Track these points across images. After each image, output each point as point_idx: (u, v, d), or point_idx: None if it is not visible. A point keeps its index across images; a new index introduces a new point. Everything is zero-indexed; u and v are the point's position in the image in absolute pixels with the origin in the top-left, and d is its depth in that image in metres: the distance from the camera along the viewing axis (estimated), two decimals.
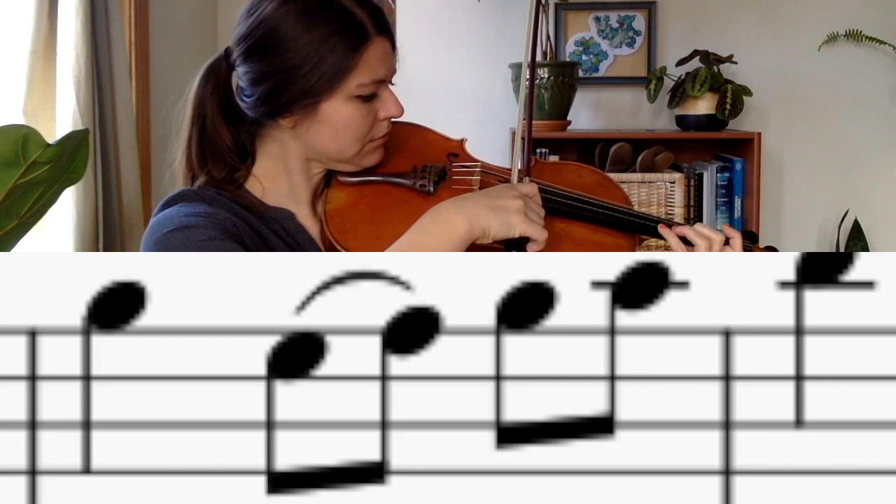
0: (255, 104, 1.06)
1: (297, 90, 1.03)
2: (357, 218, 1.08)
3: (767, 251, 1.20)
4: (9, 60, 1.75)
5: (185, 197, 1.06)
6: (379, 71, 1.05)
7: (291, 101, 1.04)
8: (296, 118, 1.05)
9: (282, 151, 1.10)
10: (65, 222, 1.80)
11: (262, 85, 1.04)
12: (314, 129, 1.06)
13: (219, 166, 1.09)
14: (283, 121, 1.06)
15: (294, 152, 1.10)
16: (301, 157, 1.10)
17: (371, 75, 1.04)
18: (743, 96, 2.58)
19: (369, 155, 1.11)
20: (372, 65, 1.04)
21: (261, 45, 1.04)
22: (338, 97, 1.04)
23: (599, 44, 2.82)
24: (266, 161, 1.12)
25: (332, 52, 1.02)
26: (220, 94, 1.09)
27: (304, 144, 1.08)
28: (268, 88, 1.04)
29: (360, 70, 1.03)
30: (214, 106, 1.09)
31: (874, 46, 2.75)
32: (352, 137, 1.06)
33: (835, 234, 2.81)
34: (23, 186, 1.30)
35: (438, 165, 1.14)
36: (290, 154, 1.10)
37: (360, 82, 1.04)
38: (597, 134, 2.70)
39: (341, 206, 1.09)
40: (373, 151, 1.11)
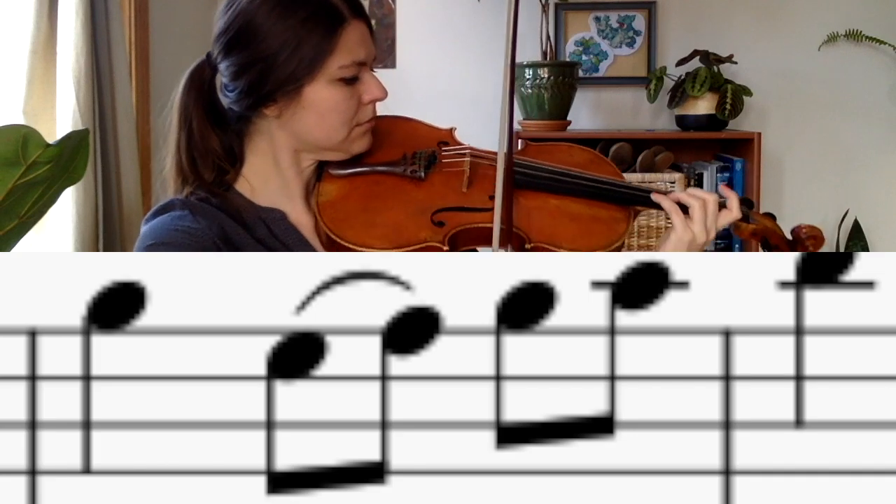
0: (239, 97, 1.07)
1: (278, 77, 1.04)
2: (350, 208, 1.09)
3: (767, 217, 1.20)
4: (9, 60, 1.75)
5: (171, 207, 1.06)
6: (358, 53, 1.06)
7: (274, 89, 1.05)
8: (280, 106, 1.06)
9: (271, 146, 1.11)
10: (65, 222, 1.80)
11: (244, 76, 1.05)
12: (299, 116, 1.07)
13: (208, 170, 1.09)
14: (267, 111, 1.07)
15: (283, 144, 1.10)
16: (290, 148, 1.11)
17: (351, 57, 1.05)
18: (743, 96, 2.58)
19: (357, 140, 1.11)
20: (350, 46, 1.05)
21: (239, 37, 1.05)
22: (320, 80, 1.05)
23: (599, 44, 2.82)
24: (256, 158, 1.12)
25: (310, 35, 1.03)
26: (204, 98, 1.10)
27: (292, 134, 1.09)
28: (250, 79, 1.05)
29: (339, 52, 1.04)
30: (199, 110, 1.09)
31: (874, 46, 2.75)
32: (338, 121, 1.07)
33: (835, 234, 2.81)
34: (23, 186, 1.30)
35: (428, 151, 1.15)
36: (279, 147, 1.10)
37: (341, 64, 1.05)
38: (597, 134, 2.70)
39: (334, 198, 1.10)
40: (360, 137, 1.11)
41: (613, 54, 2.82)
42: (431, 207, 1.09)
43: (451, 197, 1.11)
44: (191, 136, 1.09)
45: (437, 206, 1.09)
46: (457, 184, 1.13)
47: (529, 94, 2.58)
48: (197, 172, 1.08)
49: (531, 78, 2.57)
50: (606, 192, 1.15)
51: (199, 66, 1.11)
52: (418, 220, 1.07)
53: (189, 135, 1.09)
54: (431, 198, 1.10)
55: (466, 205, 1.10)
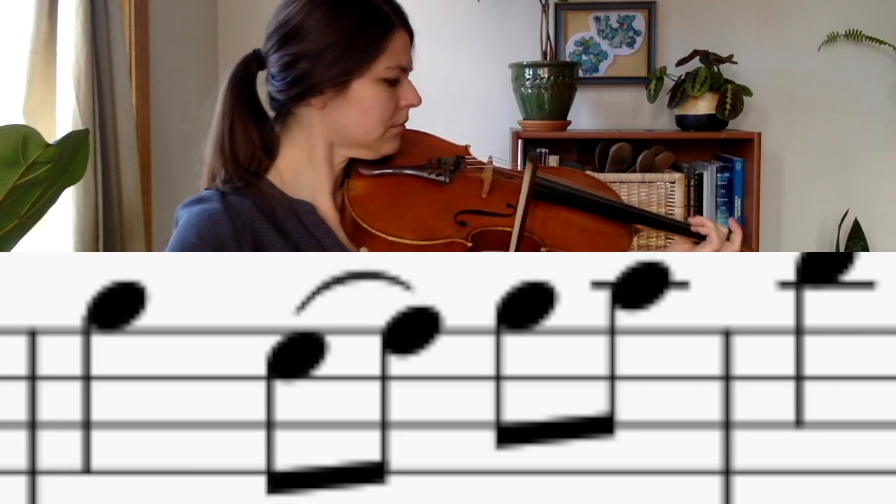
0: (288, 86, 1.13)
1: (329, 70, 1.11)
2: (380, 202, 1.15)
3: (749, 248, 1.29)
4: (9, 60, 1.75)
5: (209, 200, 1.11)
6: (403, 58, 1.15)
7: (323, 81, 1.12)
8: (326, 97, 1.13)
9: (308, 137, 1.17)
10: (65, 222, 1.80)
11: (295, 67, 1.12)
12: (344, 109, 1.14)
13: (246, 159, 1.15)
14: (314, 100, 1.14)
15: (320, 136, 1.17)
16: (326, 141, 1.17)
17: (396, 60, 1.14)
18: (743, 96, 2.58)
19: (389, 142, 1.18)
20: (397, 51, 1.14)
21: (294, 32, 1.12)
22: (367, 77, 1.13)
23: (599, 44, 2.82)
24: (291, 150, 1.18)
25: (363, 35, 1.12)
26: (247, 91, 1.17)
27: (331, 126, 1.16)
28: (301, 70, 1.12)
29: (387, 54, 1.13)
30: (243, 102, 1.16)
31: (874, 46, 2.75)
32: (377, 119, 1.15)
33: (835, 234, 2.81)
34: (23, 186, 1.30)
35: (452, 158, 1.22)
36: (315, 139, 1.17)
37: (388, 65, 1.13)
38: (597, 134, 2.69)
39: (364, 193, 1.16)
40: (392, 139, 1.19)
41: (613, 54, 2.82)
42: (455, 208, 1.16)
43: (472, 201, 1.18)
44: (233, 126, 1.15)
45: (460, 207, 1.16)
46: (477, 190, 1.20)
47: (529, 94, 2.58)
48: (235, 159, 1.14)
49: (531, 78, 2.57)
50: (611, 210, 1.24)
51: (246, 60, 1.18)
52: (444, 219, 1.13)
53: (231, 124, 1.15)
54: (454, 200, 1.17)
55: (486, 209, 1.17)
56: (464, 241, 1.10)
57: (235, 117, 1.15)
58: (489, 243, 1.15)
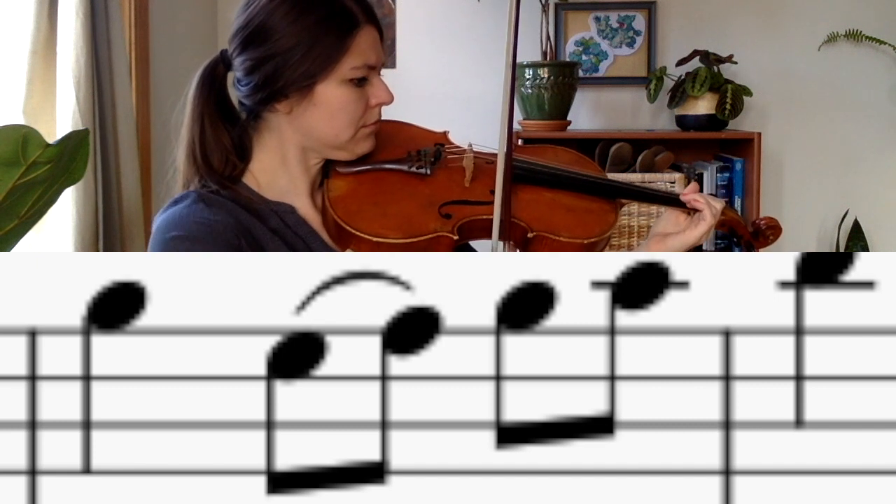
0: (253, 91, 1.09)
1: (292, 73, 1.07)
2: (361, 201, 1.12)
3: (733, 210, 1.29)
4: (9, 60, 1.75)
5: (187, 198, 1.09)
6: (370, 56, 1.10)
7: (287, 85, 1.08)
8: (292, 102, 1.09)
9: (279, 142, 1.13)
10: (65, 222, 1.80)
11: (258, 71, 1.08)
12: (310, 113, 1.10)
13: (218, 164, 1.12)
14: (279, 105, 1.10)
15: (291, 141, 1.13)
16: (298, 146, 1.13)
17: (363, 59, 1.09)
18: (743, 96, 2.58)
19: (362, 142, 1.14)
20: (363, 49, 1.09)
21: (256, 34, 1.08)
22: (332, 80, 1.08)
23: (599, 44, 2.82)
24: (264, 155, 1.14)
25: (326, 35, 1.07)
26: (216, 94, 1.13)
27: (301, 131, 1.12)
28: (264, 74, 1.07)
29: (352, 54, 1.08)
30: (212, 106, 1.12)
31: (874, 46, 2.75)
32: (346, 121, 1.11)
33: (835, 234, 2.81)
34: (23, 186, 1.30)
35: (432, 149, 1.19)
36: (287, 144, 1.13)
37: (353, 65, 1.08)
38: (597, 134, 2.69)
39: (343, 193, 1.13)
40: (365, 138, 1.14)
41: (613, 54, 2.82)
42: (438, 201, 1.13)
43: (456, 191, 1.16)
44: (203, 131, 1.12)
45: (443, 199, 1.14)
46: (460, 179, 1.17)
47: (529, 94, 2.58)
48: (208, 165, 1.11)
49: (531, 78, 2.57)
50: (596, 187, 1.22)
51: (214, 62, 1.14)
52: (428, 212, 1.12)
53: (202, 129, 1.12)
54: (437, 192, 1.15)
55: (470, 198, 1.15)
56: (450, 233, 1.09)
57: (206, 121, 1.12)
58: (476, 232, 1.13)
